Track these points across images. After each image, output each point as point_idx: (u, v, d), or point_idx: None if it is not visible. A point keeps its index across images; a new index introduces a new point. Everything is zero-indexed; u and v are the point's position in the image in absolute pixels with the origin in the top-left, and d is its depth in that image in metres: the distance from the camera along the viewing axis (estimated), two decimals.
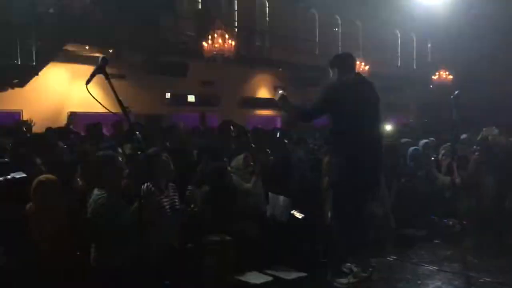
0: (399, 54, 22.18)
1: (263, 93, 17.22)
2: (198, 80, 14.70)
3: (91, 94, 2.79)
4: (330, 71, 4.30)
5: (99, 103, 2.92)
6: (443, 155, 6.80)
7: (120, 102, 2.91)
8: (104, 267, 3.50)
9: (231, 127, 7.07)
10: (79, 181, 4.27)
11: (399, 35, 22.04)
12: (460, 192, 6.17)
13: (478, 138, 7.50)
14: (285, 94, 4.53)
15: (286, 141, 7.11)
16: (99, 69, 2.79)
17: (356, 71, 4.40)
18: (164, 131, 8.37)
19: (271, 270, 4.31)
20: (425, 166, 6.70)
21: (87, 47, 11.31)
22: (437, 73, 19.66)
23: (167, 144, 6.38)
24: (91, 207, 3.56)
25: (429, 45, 22.75)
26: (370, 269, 4.06)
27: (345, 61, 4.29)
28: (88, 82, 2.81)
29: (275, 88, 17.24)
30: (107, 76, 2.83)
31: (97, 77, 2.84)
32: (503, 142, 7.11)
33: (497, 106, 17.48)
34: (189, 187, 4.23)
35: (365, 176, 4.06)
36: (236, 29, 15.68)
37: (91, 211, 3.55)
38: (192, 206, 4.08)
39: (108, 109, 2.96)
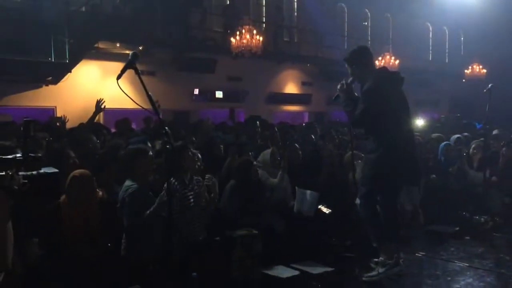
0: (430, 47, 21.70)
1: (291, 88, 17.17)
2: (225, 76, 14.79)
3: (121, 89, 2.86)
4: (348, 68, 4.19)
5: (130, 98, 3.00)
6: (474, 149, 6.64)
7: (150, 98, 2.98)
8: (133, 258, 3.58)
9: (257, 122, 7.09)
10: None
11: (430, 28, 21.55)
12: (492, 188, 6.02)
13: None
14: (348, 82, 4.16)
15: (312, 136, 7.08)
16: (130, 64, 2.86)
17: (384, 65, 4.31)
18: (191, 127, 8.48)
19: (298, 264, 4.32)
20: (457, 161, 6.57)
21: (117, 45, 11.53)
22: (470, 67, 19.14)
23: (194, 139, 6.47)
24: (121, 197, 3.64)
25: (462, 38, 22.16)
26: (400, 259, 3.99)
27: (364, 56, 4.18)
28: (119, 77, 2.87)
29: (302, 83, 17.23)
30: (137, 72, 2.90)
31: (128, 74, 2.89)
32: None
33: None
34: (207, 176, 4.19)
35: (405, 172, 4.04)
36: (264, 25, 15.68)
37: (121, 200, 3.64)
38: (212, 194, 4.10)
39: (139, 104, 3.03)
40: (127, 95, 2.96)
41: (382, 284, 4.00)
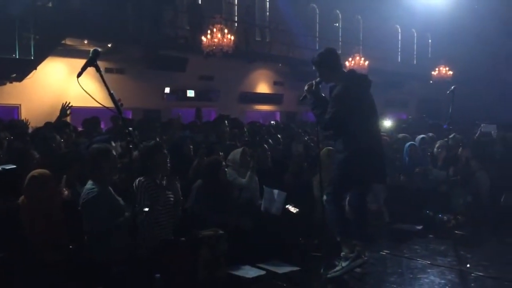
0: (399, 49, 22.14)
1: (263, 88, 17.22)
2: (197, 75, 14.71)
3: (82, 88, 2.79)
4: (316, 69, 4.24)
5: (91, 96, 2.93)
6: (438, 148, 6.82)
7: (112, 96, 2.92)
8: (96, 260, 3.52)
9: (226, 121, 7.07)
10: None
11: (399, 30, 21.99)
12: (455, 187, 6.19)
13: (477, 134, 7.52)
14: (315, 84, 4.22)
15: (279, 136, 7.12)
16: (91, 62, 2.79)
17: (352, 67, 4.37)
18: (161, 126, 8.40)
19: (264, 263, 4.33)
20: (421, 161, 6.72)
21: (85, 42, 11.31)
22: (437, 69, 19.63)
23: (164, 137, 6.40)
24: (82, 201, 3.57)
25: (429, 40, 22.70)
26: (361, 252, 4.05)
27: (331, 58, 4.23)
28: (79, 75, 2.80)
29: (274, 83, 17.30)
30: (98, 69, 2.84)
31: (95, 72, 2.83)
32: (500, 138, 7.13)
33: (496, 102, 17.47)
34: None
35: (373, 170, 4.13)
36: (235, 24, 15.66)
37: (82, 204, 3.57)
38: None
39: (100, 103, 2.96)
40: (88, 94, 2.88)
41: (347, 282, 4.06)
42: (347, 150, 4.04)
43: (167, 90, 14.24)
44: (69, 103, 5.38)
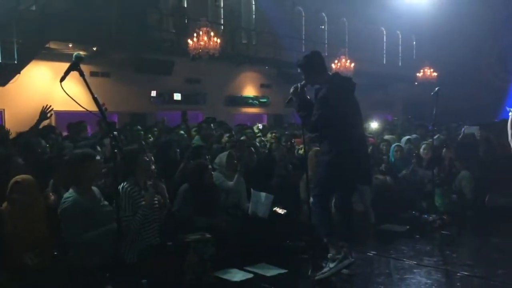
0: (384, 51, 22.32)
1: (250, 91, 17.22)
2: (184, 78, 14.67)
3: (65, 92, 2.78)
4: (301, 72, 4.27)
5: (74, 100, 2.91)
6: (424, 149, 6.90)
7: (95, 100, 2.90)
8: (81, 266, 3.48)
9: (211, 124, 7.05)
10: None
11: (384, 33, 22.18)
12: (440, 187, 6.26)
13: (460, 135, 7.61)
14: (300, 86, 4.25)
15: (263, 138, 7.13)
16: (74, 66, 2.77)
17: (335, 70, 4.40)
18: (148, 129, 8.36)
19: (252, 267, 4.32)
20: (408, 162, 6.80)
21: (70, 45, 11.20)
22: (422, 70, 19.84)
23: (151, 141, 6.37)
24: (59, 208, 3.53)
25: (414, 42, 22.93)
26: (349, 253, 4.07)
27: (317, 61, 4.26)
28: (62, 79, 2.79)
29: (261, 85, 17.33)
30: (82, 74, 2.82)
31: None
32: (483, 139, 7.23)
33: (480, 104, 17.71)
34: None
35: (358, 172, 4.17)
36: (222, 27, 15.65)
37: (61, 211, 3.53)
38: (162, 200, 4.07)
39: (84, 107, 2.94)
40: (71, 98, 2.87)
41: (334, 283, 4.07)
42: (332, 152, 4.06)
43: (153, 93, 14.16)
44: (50, 106, 5.32)
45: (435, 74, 19.67)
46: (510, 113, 5.16)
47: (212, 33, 12.40)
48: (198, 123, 9.27)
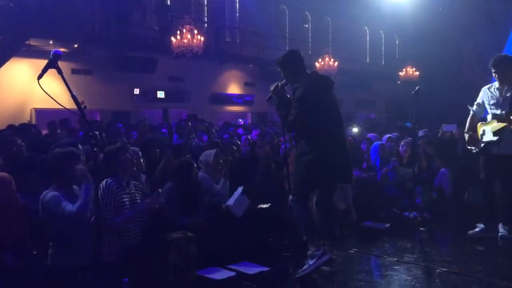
0: (367, 50, 22.53)
1: (233, 89, 17.21)
2: (167, 75, 14.59)
3: (43, 89, 2.75)
4: (281, 71, 4.28)
5: (52, 98, 2.87)
6: (402, 146, 6.99)
7: (74, 98, 2.87)
8: (60, 266, 3.44)
9: (189, 123, 6.99)
10: None
11: (368, 32, 22.38)
12: (420, 185, 6.35)
13: (439, 133, 7.72)
14: (281, 85, 4.24)
15: (249, 136, 7.13)
16: (51, 64, 2.74)
17: (313, 69, 4.41)
18: (131, 128, 8.29)
19: (234, 265, 4.32)
20: (390, 161, 6.87)
21: (50, 42, 11.05)
22: (404, 70, 20.07)
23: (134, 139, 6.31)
24: (41, 204, 3.49)
25: (396, 41, 23.19)
26: (327, 252, 4.09)
27: (295, 60, 4.27)
28: (39, 77, 2.75)
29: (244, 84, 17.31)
30: (60, 71, 2.78)
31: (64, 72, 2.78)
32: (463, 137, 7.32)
33: (460, 102, 17.96)
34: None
35: (338, 171, 4.19)
36: (205, 25, 15.60)
37: (42, 208, 3.49)
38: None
39: (62, 105, 2.91)
40: (50, 96, 2.83)
41: (315, 281, 4.09)
42: (312, 153, 4.07)
43: (136, 91, 14.06)
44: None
45: (417, 73, 19.95)
46: (471, 111, 5.39)
47: (195, 31, 12.37)
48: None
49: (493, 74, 5.06)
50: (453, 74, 20.02)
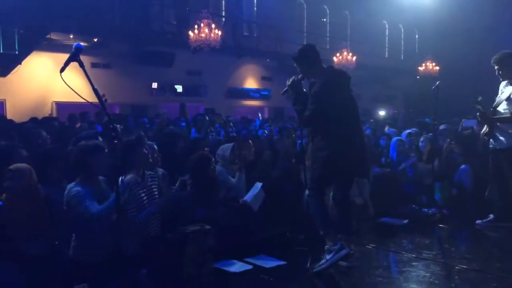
0: (386, 44, 22.26)
1: (250, 83, 17.20)
2: (185, 70, 14.66)
3: (65, 83, 2.77)
4: (296, 66, 4.26)
5: (74, 91, 2.90)
6: (422, 141, 6.89)
7: (95, 91, 2.90)
8: (82, 257, 3.50)
9: (206, 117, 7.01)
10: None
11: (387, 26, 22.11)
12: (440, 181, 6.27)
13: (459, 129, 7.60)
14: (297, 79, 4.23)
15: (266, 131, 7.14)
16: (73, 57, 2.77)
17: (323, 63, 4.36)
18: (150, 121, 8.37)
19: (251, 258, 4.34)
20: (409, 156, 6.79)
21: (71, 36, 11.20)
22: (424, 64, 19.79)
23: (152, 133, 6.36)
24: (65, 199, 3.55)
25: (416, 36, 22.86)
26: (345, 247, 4.08)
27: (311, 54, 4.22)
28: (62, 70, 2.79)
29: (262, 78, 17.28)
30: (81, 65, 2.82)
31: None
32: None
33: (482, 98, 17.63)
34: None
35: (355, 166, 4.16)
36: (223, 19, 15.60)
37: (65, 203, 3.55)
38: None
39: (84, 98, 2.95)
40: (72, 89, 2.85)
41: (332, 275, 4.09)
42: (328, 148, 4.06)
43: (154, 85, 14.17)
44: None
45: (437, 68, 19.65)
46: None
47: (213, 25, 12.39)
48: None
49: (496, 71, 5.38)
50: (474, 69, 19.63)
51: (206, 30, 12.21)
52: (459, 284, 3.93)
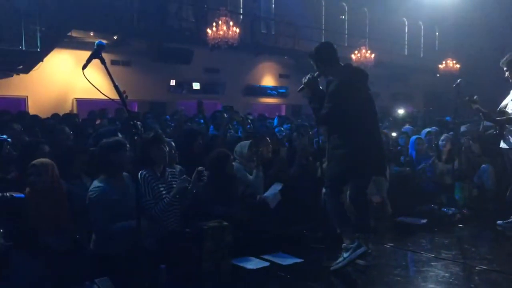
0: (406, 42, 21.98)
1: (268, 81, 17.19)
2: (202, 67, 14.72)
3: (87, 80, 2.82)
4: (313, 64, 4.24)
5: (96, 88, 2.95)
6: (443, 141, 6.80)
7: (116, 88, 2.94)
8: (102, 252, 3.56)
9: (225, 115, 7.02)
10: None
11: (406, 23, 21.82)
12: (460, 181, 6.18)
13: (481, 128, 7.46)
14: (313, 77, 4.20)
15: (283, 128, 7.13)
16: (95, 54, 2.81)
17: (342, 61, 4.33)
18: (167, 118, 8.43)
19: (268, 255, 4.35)
20: (426, 154, 6.72)
21: (91, 34, 11.34)
22: (444, 62, 19.49)
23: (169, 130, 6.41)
24: (88, 197, 3.60)
25: (436, 33, 22.52)
26: (362, 245, 4.06)
27: (328, 52, 4.20)
28: (84, 67, 2.82)
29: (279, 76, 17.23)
30: (103, 62, 2.85)
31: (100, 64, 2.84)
32: None
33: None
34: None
35: (372, 164, 4.14)
36: (241, 16, 15.61)
37: (88, 201, 3.60)
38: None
39: (105, 95, 2.98)
40: (93, 85, 2.90)
41: (350, 274, 4.07)
42: (345, 146, 4.04)
43: (172, 82, 14.26)
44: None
45: (458, 65, 19.33)
46: None
47: (231, 23, 12.40)
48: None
49: (505, 73, 5.51)
50: (496, 67, 19.19)
51: (224, 28, 12.24)
52: (479, 284, 3.88)
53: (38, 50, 10.30)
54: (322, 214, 4.82)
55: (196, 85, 14.78)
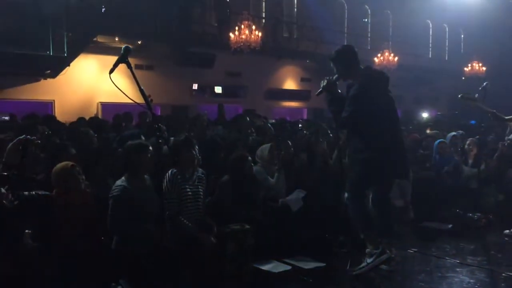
0: (430, 44, 21.66)
1: (290, 84, 17.17)
2: (224, 71, 14.81)
3: (114, 84, 2.88)
4: (333, 67, 4.23)
5: (123, 92, 3.01)
6: (469, 145, 6.68)
7: (142, 92, 2.99)
8: (124, 253, 3.61)
9: (247, 117, 7.00)
10: None
11: (430, 25, 21.51)
12: (486, 186, 6.06)
13: (507, 132, 7.30)
14: (332, 80, 4.20)
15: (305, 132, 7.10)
16: (122, 59, 2.87)
17: (365, 63, 4.31)
18: (189, 122, 8.47)
19: (290, 259, 4.35)
20: (451, 158, 6.61)
21: (116, 39, 11.55)
22: (469, 65, 19.13)
23: (192, 134, 6.43)
24: (112, 196, 3.67)
25: (462, 35, 22.13)
26: (386, 247, 4.01)
27: (349, 55, 4.19)
28: (111, 71, 2.89)
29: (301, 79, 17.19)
30: (129, 66, 2.91)
31: (125, 68, 2.89)
32: None
33: None
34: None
35: (394, 168, 4.11)
36: (263, 20, 15.66)
37: (111, 200, 3.67)
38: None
39: (131, 99, 3.05)
40: (120, 90, 2.96)
41: (373, 279, 4.04)
42: (367, 150, 4.00)
43: (195, 86, 14.39)
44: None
45: (484, 68, 18.93)
46: None
47: (253, 27, 12.45)
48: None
49: None
50: None
51: (247, 32, 12.30)
52: None
53: (65, 55, 10.56)
54: (343, 218, 4.80)
55: (218, 89, 14.88)
